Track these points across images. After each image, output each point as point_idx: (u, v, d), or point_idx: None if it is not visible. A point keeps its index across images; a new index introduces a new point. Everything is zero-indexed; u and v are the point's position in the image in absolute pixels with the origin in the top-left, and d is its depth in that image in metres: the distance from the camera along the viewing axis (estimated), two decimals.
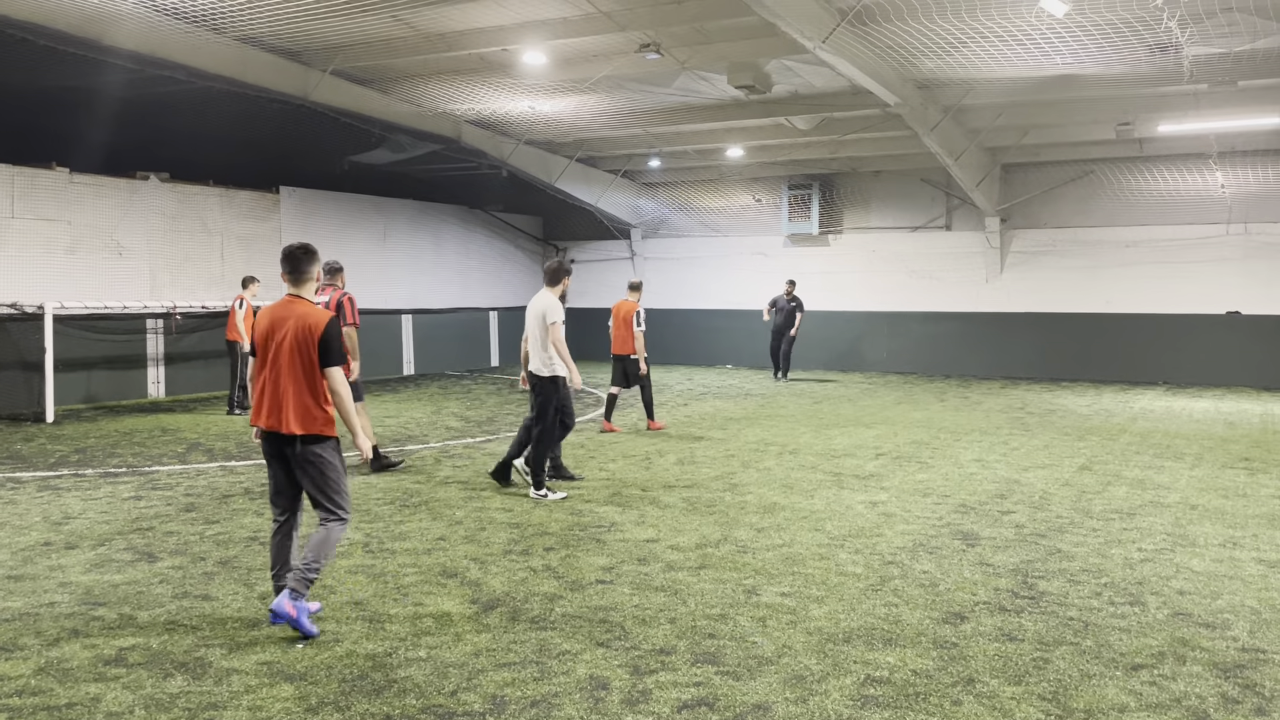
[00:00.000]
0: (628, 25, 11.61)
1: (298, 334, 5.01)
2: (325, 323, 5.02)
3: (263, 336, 5.11)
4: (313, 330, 5.01)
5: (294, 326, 5.02)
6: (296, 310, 5.09)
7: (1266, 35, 11.18)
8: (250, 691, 4.35)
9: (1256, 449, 10.97)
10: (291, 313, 5.08)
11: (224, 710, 4.16)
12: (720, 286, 22.60)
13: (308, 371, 5.02)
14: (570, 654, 4.79)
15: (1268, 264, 17.68)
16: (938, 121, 15.32)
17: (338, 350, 5.03)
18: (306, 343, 5.00)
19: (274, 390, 5.05)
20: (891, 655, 4.78)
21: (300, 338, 5.00)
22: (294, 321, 5.04)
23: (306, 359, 5.01)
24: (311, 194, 18.46)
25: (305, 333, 5.00)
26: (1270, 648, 4.88)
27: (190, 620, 5.28)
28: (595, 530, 7.26)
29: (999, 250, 19.61)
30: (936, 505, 8.07)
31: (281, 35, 12.52)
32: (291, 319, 5.05)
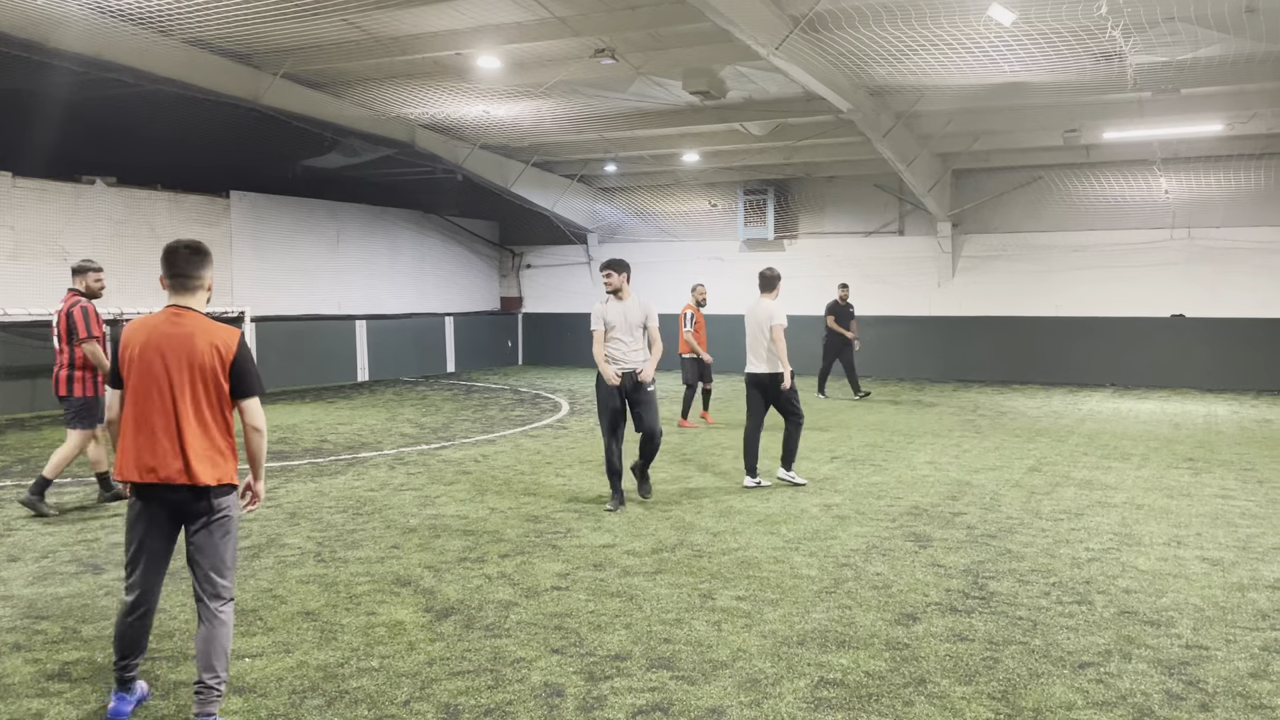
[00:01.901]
0: (582, 30, 11.62)
1: (197, 357, 3.99)
2: (236, 342, 4.06)
3: (135, 361, 4.01)
4: (221, 352, 4.02)
5: (190, 347, 3.99)
6: (188, 327, 4.04)
7: (1207, 44, 11.46)
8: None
9: (1200, 449, 11.22)
10: (181, 330, 4.02)
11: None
12: (677, 292, 22.61)
13: (213, 405, 4.03)
14: (525, 661, 4.77)
15: (1210, 268, 18.10)
16: (890, 128, 15.50)
17: (256, 375, 4.15)
18: (213, 368, 4.00)
19: (165, 429, 3.97)
20: (845, 657, 4.82)
21: (201, 362, 3.99)
22: (188, 341, 4.00)
23: (211, 389, 4.02)
24: (263, 198, 18.23)
25: (209, 355, 4.00)
26: (1213, 644, 4.99)
27: None
28: (551, 536, 7.24)
29: (951, 255, 19.88)
30: (890, 507, 8.15)
31: (231, 38, 12.36)
32: (184, 338, 4.00)
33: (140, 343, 4.04)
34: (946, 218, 19.48)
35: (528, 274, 24.70)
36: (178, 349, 4.00)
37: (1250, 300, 17.85)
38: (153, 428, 3.98)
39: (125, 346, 4.07)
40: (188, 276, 4.13)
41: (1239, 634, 5.13)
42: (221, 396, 4.06)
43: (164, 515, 4.04)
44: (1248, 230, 17.82)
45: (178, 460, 3.97)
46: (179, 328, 4.04)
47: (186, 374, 4.00)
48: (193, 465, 3.97)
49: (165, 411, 3.99)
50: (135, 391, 4.02)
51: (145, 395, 4.00)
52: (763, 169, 20.78)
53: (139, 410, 4.00)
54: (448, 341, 22.53)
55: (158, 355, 4.00)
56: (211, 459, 4.01)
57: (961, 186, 19.81)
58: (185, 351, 4.00)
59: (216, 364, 4.02)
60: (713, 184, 22.14)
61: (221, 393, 4.05)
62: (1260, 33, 10.96)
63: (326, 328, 19.37)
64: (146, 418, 3.99)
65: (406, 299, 21.66)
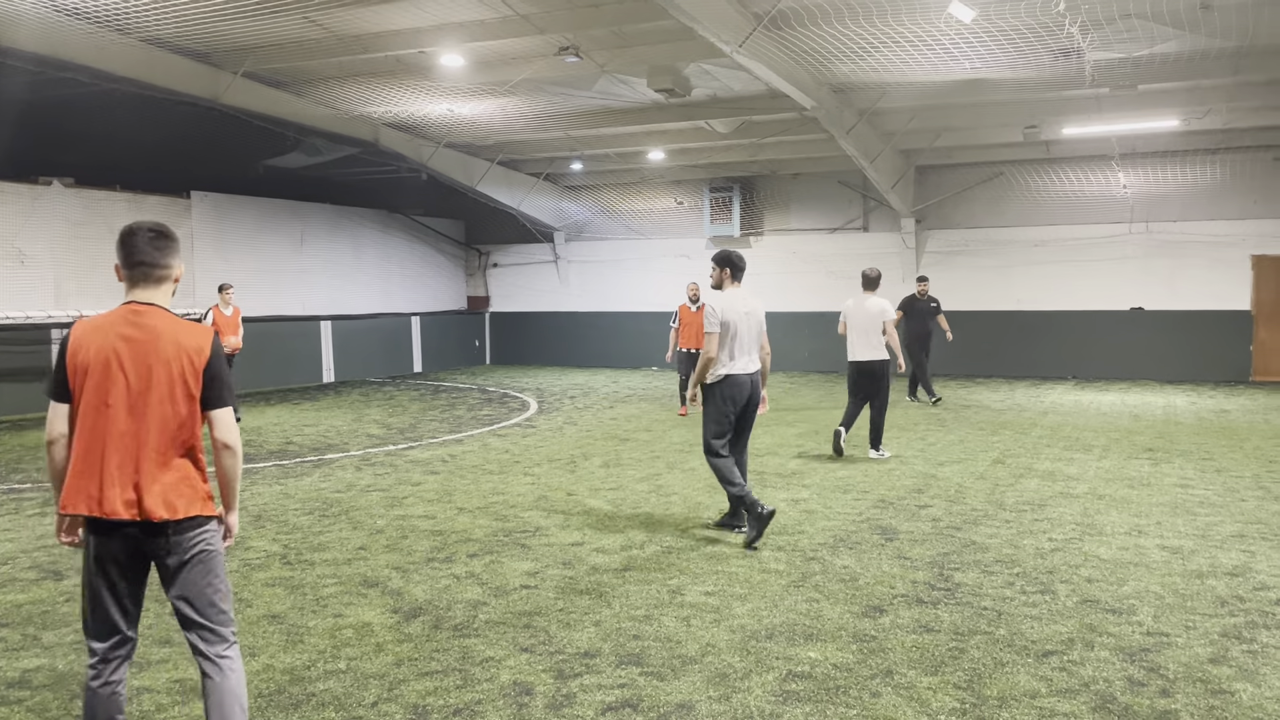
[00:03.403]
0: (546, 28, 11.59)
1: (164, 363, 3.33)
2: (210, 343, 3.42)
3: (90, 369, 3.31)
4: (192, 356, 3.36)
5: (156, 352, 3.33)
6: (153, 327, 3.36)
7: (1163, 41, 11.64)
8: (161, 711, 4.23)
9: (1160, 440, 11.40)
10: (145, 331, 3.34)
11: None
12: (644, 289, 22.68)
13: (181, 419, 3.35)
14: (494, 660, 4.76)
15: (1168, 262, 18.39)
16: (853, 125, 15.60)
17: (229, 383, 3.48)
18: (182, 375, 3.34)
19: (126, 452, 3.29)
20: (813, 650, 4.86)
21: (169, 369, 3.33)
22: (153, 344, 3.33)
23: (181, 401, 3.34)
24: (224, 198, 18.02)
25: (178, 360, 3.34)
26: (1173, 631, 5.08)
27: None
28: (520, 535, 7.23)
29: (914, 250, 20.04)
30: (856, 501, 8.21)
31: (190, 36, 12.21)
32: (148, 341, 3.33)
33: (95, 347, 3.32)
34: (910, 214, 19.65)
35: (494, 273, 24.61)
36: (141, 354, 3.32)
37: (1206, 293, 18.17)
38: (110, 450, 3.29)
39: (75, 352, 3.33)
40: (152, 266, 3.41)
41: (1198, 620, 5.22)
42: (193, 410, 3.39)
43: (122, 554, 3.34)
44: (1203, 224, 18.13)
45: (132, 491, 3.29)
46: (141, 329, 3.35)
47: (154, 385, 3.32)
48: (149, 496, 3.29)
49: (127, 431, 3.30)
50: (90, 406, 3.31)
51: (101, 411, 3.30)
52: (728, 166, 20.85)
53: (94, 429, 3.30)
54: (414, 341, 22.40)
55: (116, 362, 3.31)
56: (175, 488, 3.34)
57: (924, 183, 19.98)
58: (150, 357, 3.33)
59: (187, 370, 3.36)
60: (679, 181, 22.18)
61: (193, 405, 3.38)
62: (1215, 29, 11.15)
63: (291, 329, 19.19)
64: (103, 438, 3.30)
65: (372, 299, 21.50)
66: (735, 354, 6.94)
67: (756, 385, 7.05)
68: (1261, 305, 18.02)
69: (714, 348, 6.87)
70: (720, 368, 6.92)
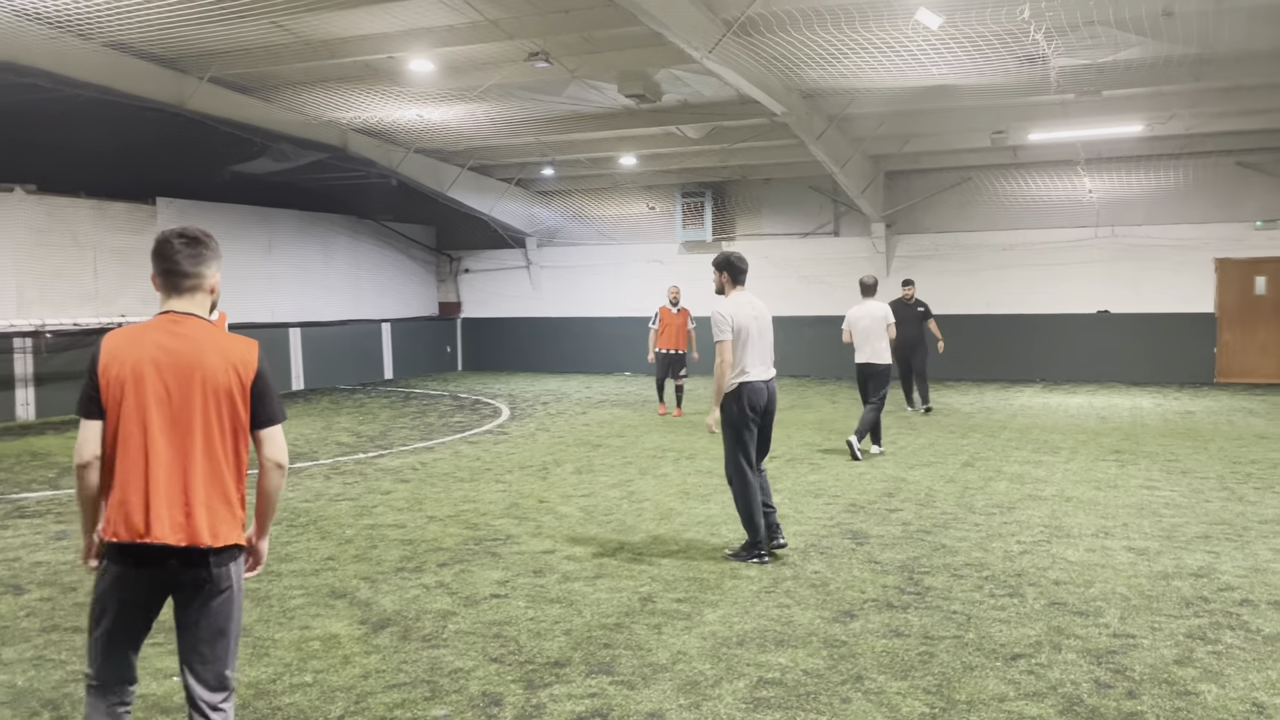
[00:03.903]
0: (516, 33, 11.56)
1: (209, 377, 3.12)
2: (256, 356, 3.23)
3: (127, 384, 3.08)
4: (239, 370, 3.16)
5: (200, 365, 3.12)
6: (194, 338, 3.15)
7: (1127, 47, 11.78)
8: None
9: (1126, 441, 11.52)
10: (185, 342, 3.13)
11: None
12: (617, 294, 22.67)
13: (226, 440, 3.15)
14: (463, 671, 4.72)
15: (1133, 265, 18.61)
16: (823, 130, 15.67)
17: (279, 397, 3.28)
18: (229, 391, 3.14)
19: (168, 474, 3.07)
20: (783, 656, 4.85)
21: (215, 383, 3.12)
22: (196, 357, 3.12)
23: (226, 419, 3.14)
24: (191, 205, 17.82)
25: (224, 374, 3.13)
26: (1139, 633, 5.12)
27: (59, 655, 5.02)
28: (490, 544, 7.19)
29: (885, 255, 20.16)
30: (827, 505, 8.23)
31: (154, 41, 12.06)
32: (189, 353, 3.12)
33: (130, 359, 3.08)
34: (880, 218, 19.77)
35: (466, 279, 24.51)
36: (183, 367, 3.10)
37: (1171, 296, 18.40)
38: (155, 470, 3.06)
39: (107, 365, 3.09)
40: (184, 275, 3.19)
41: (1164, 622, 5.27)
42: (238, 428, 3.16)
43: (148, 585, 3.10)
44: (1168, 228, 18.36)
45: (181, 513, 3.06)
46: (182, 340, 3.14)
47: (198, 400, 3.10)
48: (200, 521, 3.07)
49: (173, 448, 3.08)
50: (129, 422, 3.06)
51: (141, 429, 3.07)
52: (699, 171, 20.89)
53: (136, 447, 3.06)
54: (385, 348, 22.25)
55: (157, 376, 3.09)
56: (221, 513, 3.13)
57: (894, 188, 20.11)
58: (193, 370, 3.11)
59: (234, 385, 3.14)
60: (650, 186, 22.20)
61: (239, 423, 3.16)
62: (1177, 36, 11.30)
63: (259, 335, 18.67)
64: (146, 457, 3.06)
65: (342, 305, 21.34)
66: (750, 361, 6.58)
67: (774, 393, 6.68)
68: (1225, 308, 18.27)
69: (729, 354, 6.51)
70: (735, 376, 6.55)
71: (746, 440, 6.60)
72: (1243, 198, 17.95)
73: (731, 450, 6.64)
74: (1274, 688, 4.39)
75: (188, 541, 3.06)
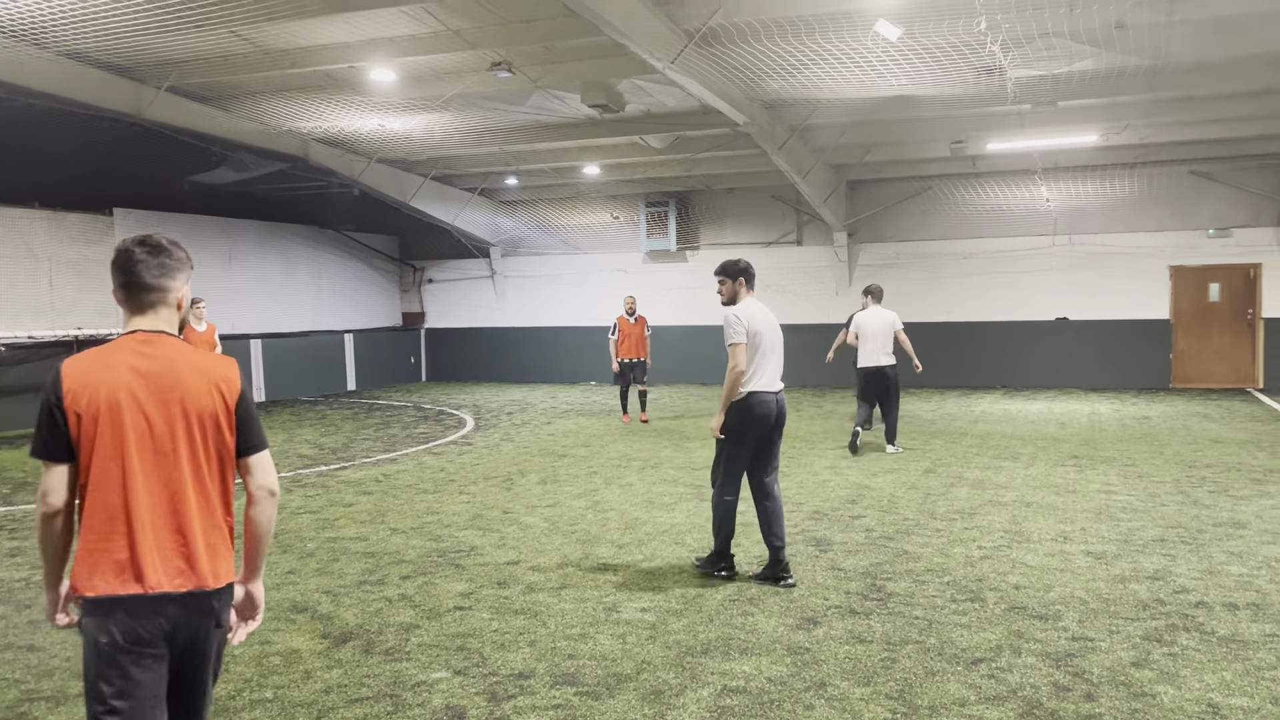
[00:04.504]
0: (478, 43, 11.54)
1: (192, 400, 2.81)
2: (237, 374, 2.94)
3: (95, 415, 2.73)
4: (223, 391, 2.86)
5: (179, 387, 2.81)
6: (169, 358, 2.83)
7: (1081, 59, 11.98)
8: None
9: (1085, 447, 11.68)
10: (161, 364, 2.81)
11: None
12: (582, 303, 22.66)
13: (214, 469, 2.86)
14: (426, 684, 4.69)
15: (1090, 273, 18.91)
16: (785, 140, 15.78)
17: (258, 422, 2.98)
18: (214, 414, 2.84)
19: (155, 512, 2.75)
20: (747, 664, 4.87)
21: (199, 407, 2.82)
22: (174, 378, 2.81)
23: (212, 446, 2.85)
24: (149, 215, 17.58)
25: (207, 396, 2.84)
26: (1097, 635, 5.19)
27: (14, 674, 4.93)
28: (454, 555, 7.14)
29: (847, 264, 20.33)
30: (792, 513, 8.27)
31: (111, 50, 11.90)
32: (166, 374, 2.80)
33: (104, 387, 2.74)
34: (842, 227, 19.93)
35: (430, 289, 24.39)
36: (162, 391, 2.78)
37: (1127, 302, 18.71)
38: (140, 509, 2.72)
39: (74, 395, 2.72)
40: (147, 289, 2.87)
41: (1121, 624, 5.35)
42: (224, 454, 2.87)
43: (162, 638, 2.72)
44: (1123, 236, 18.68)
45: (178, 556, 2.74)
46: (156, 361, 2.80)
47: (181, 427, 2.79)
48: (201, 562, 2.76)
49: (160, 483, 2.76)
50: (105, 459, 2.72)
51: (120, 466, 2.72)
52: (663, 181, 20.95)
53: (114, 487, 2.72)
54: (348, 359, 22.07)
55: (134, 404, 2.75)
56: (220, 549, 2.83)
57: (855, 197, 20.30)
58: (173, 394, 2.79)
59: (219, 408, 2.84)
60: (614, 196, 22.23)
61: (225, 449, 2.87)
62: (1130, 48, 11.51)
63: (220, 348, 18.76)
64: (128, 496, 2.72)
65: (303, 316, 21.14)
66: (763, 370, 6.28)
67: (784, 407, 6.37)
68: (1180, 314, 18.61)
69: (742, 360, 6.14)
70: (744, 384, 6.21)
71: (739, 454, 6.25)
72: (1196, 206, 18.32)
73: (724, 458, 6.31)
74: (1228, 688, 4.47)
75: (192, 586, 2.73)
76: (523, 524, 8.11)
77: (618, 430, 14.15)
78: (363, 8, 10.18)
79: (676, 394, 19.47)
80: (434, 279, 24.27)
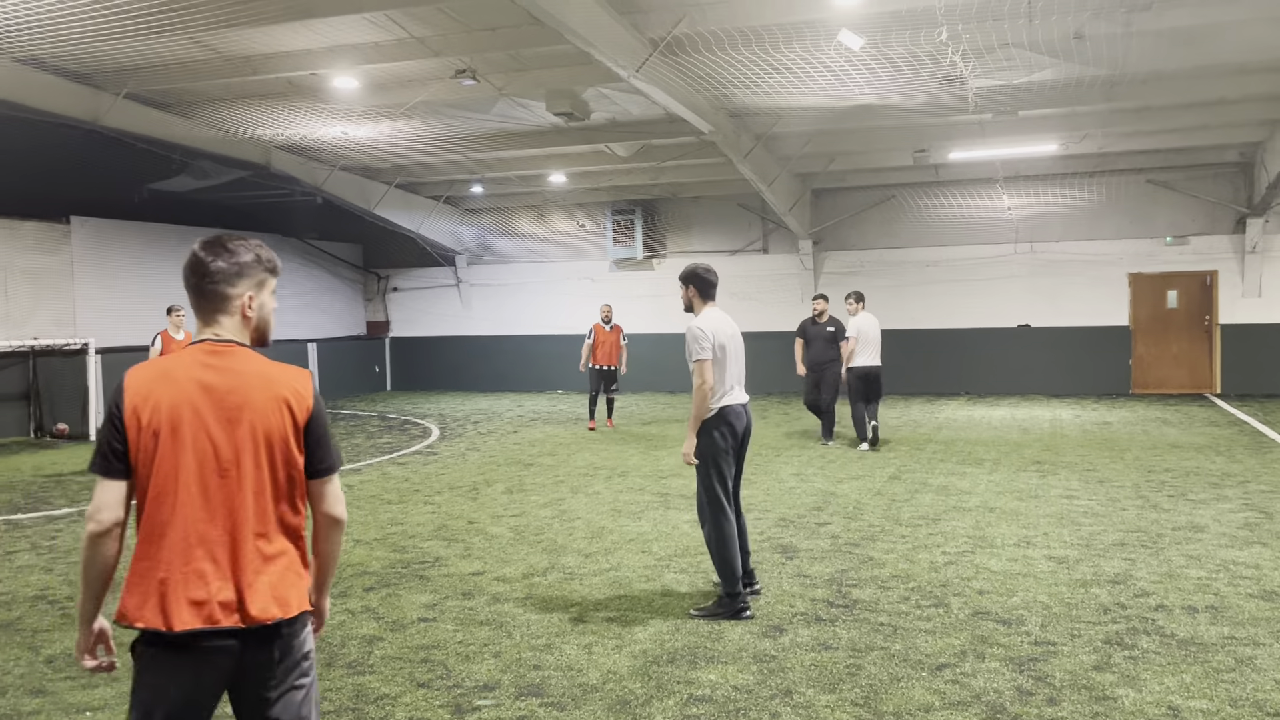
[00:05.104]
0: (442, 51, 11.49)
1: (261, 418, 2.57)
2: (310, 388, 2.69)
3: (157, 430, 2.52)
4: (293, 407, 2.61)
5: (249, 404, 2.57)
6: (240, 372, 2.60)
7: (1041, 69, 12.15)
8: None
9: (1047, 452, 11.81)
10: (231, 377, 2.58)
11: None
12: (548, 312, 22.61)
13: (282, 494, 2.60)
14: (389, 698, 4.63)
15: (1051, 280, 19.16)
16: (750, 149, 15.86)
17: (331, 441, 2.71)
18: (283, 433, 2.59)
19: (208, 540, 2.51)
20: (713, 673, 4.86)
21: (268, 425, 2.58)
22: (243, 394, 2.57)
23: (281, 467, 2.60)
24: (107, 223, 17.35)
25: (278, 414, 2.59)
26: (1059, 640, 5.23)
27: None
28: (419, 567, 7.08)
29: (812, 272, 20.45)
30: (758, 520, 8.28)
31: (68, 57, 11.72)
32: (236, 389, 2.57)
33: (166, 401, 2.52)
34: (807, 235, 20.06)
35: (394, 297, 24.23)
36: (230, 409, 2.55)
37: (1087, 310, 18.98)
38: (193, 536, 2.49)
39: (137, 408, 2.52)
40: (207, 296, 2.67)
41: (1083, 628, 5.40)
42: (294, 477, 2.62)
43: (212, 679, 2.49)
44: (1083, 244, 18.95)
45: (235, 586, 2.50)
46: (225, 374, 2.57)
47: (248, 448, 2.55)
48: (262, 592, 2.51)
49: (217, 508, 2.52)
50: (164, 479, 2.50)
51: (180, 487, 2.50)
52: (630, 189, 20.98)
53: (170, 509, 2.50)
54: (311, 368, 21.84)
55: (196, 419, 2.52)
56: (289, 578, 2.57)
57: (820, 205, 20.44)
58: (241, 412, 2.55)
59: (288, 426, 2.59)
60: (581, 204, 22.22)
61: (294, 471, 2.61)
62: (1088, 59, 11.69)
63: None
64: (184, 521, 2.49)
65: None
66: (731, 382, 5.98)
67: (751, 418, 6.09)
68: (1139, 321, 18.89)
69: (709, 374, 5.81)
70: (715, 399, 5.90)
71: (725, 472, 5.91)
72: (1153, 214, 18.63)
73: (708, 484, 5.86)
74: (1188, 690, 4.52)
75: (245, 622, 2.48)
76: (488, 534, 8.06)
77: (585, 438, 14.12)
78: (325, 14, 10.11)
79: (644, 402, 19.47)
80: (399, 287, 24.12)
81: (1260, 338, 18.08)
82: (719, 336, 5.94)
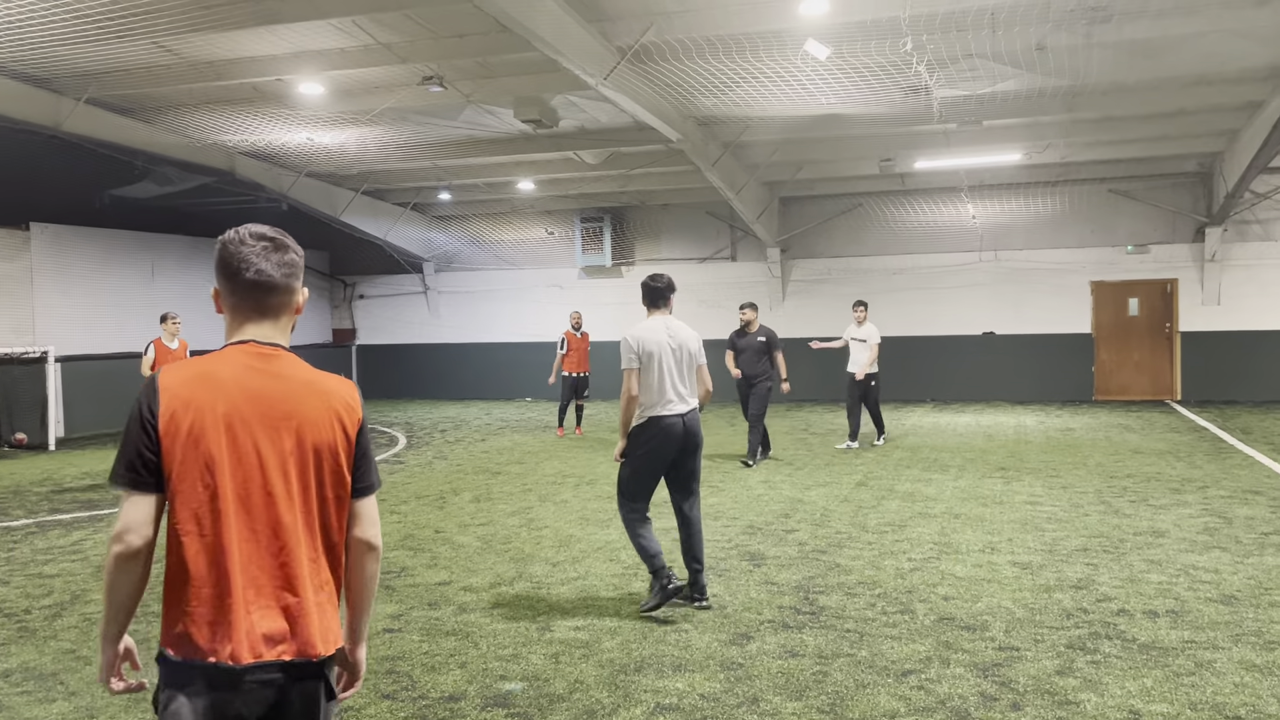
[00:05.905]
0: (409, 57, 11.44)
1: (311, 431, 2.33)
2: (359, 400, 2.46)
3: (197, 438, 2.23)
4: (343, 416, 2.38)
5: (299, 415, 2.32)
6: (289, 378, 2.35)
7: (1004, 80, 12.30)
8: None
9: (1011, 459, 11.93)
10: (279, 383, 2.33)
11: None
12: (517, 319, 22.55)
13: (330, 514, 2.36)
14: (353, 710, 4.58)
15: (1015, 288, 19.39)
16: (718, 157, 15.92)
17: (373, 459, 2.49)
18: (334, 449, 2.35)
19: (254, 565, 2.25)
20: (681, 681, 4.85)
21: (317, 440, 2.33)
22: (293, 402, 2.32)
23: (330, 486, 2.35)
24: (67, 230, 17.10)
25: (330, 427, 2.36)
26: (1023, 645, 5.28)
27: None
28: (384, 577, 7.01)
29: (780, 279, 20.55)
30: (726, 528, 8.29)
31: (27, 61, 11.55)
32: (287, 398, 2.32)
33: (207, 407, 2.24)
34: (775, 243, 20.16)
35: (361, 304, 24.06)
36: (278, 419, 2.29)
37: (1050, 317, 19.22)
38: (237, 560, 2.23)
39: (176, 415, 2.23)
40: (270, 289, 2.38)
41: (1046, 634, 5.45)
42: (342, 497, 2.37)
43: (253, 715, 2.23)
44: (1046, 252, 19.20)
45: (283, 618, 2.25)
46: (273, 380, 2.32)
47: (295, 462, 2.30)
48: (312, 624, 2.28)
49: (265, 529, 2.26)
50: (203, 496, 2.24)
51: (221, 504, 2.23)
52: (598, 197, 20.99)
53: (210, 529, 2.23)
54: None
55: (243, 429, 2.26)
56: (329, 610, 2.33)
57: (788, 213, 20.55)
58: (289, 423, 2.30)
59: (339, 441, 2.35)
60: (549, 212, 22.20)
61: (343, 491, 2.37)
62: (1050, 70, 11.85)
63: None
64: (226, 543, 2.23)
65: None
66: (661, 392, 5.94)
67: (693, 429, 6.02)
68: (1101, 328, 19.15)
69: (633, 384, 5.90)
70: (643, 409, 5.96)
71: (638, 481, 6.04)
72: (1115, 223, 18.91)
73: (622, 484, 6.11)
74: (1149, 695, 4.57)
75: (294, 654, 2.24)
76: (455, 543, 8.01)
77: (553, 446, 14.08)
78: (291, 20, 10.03)
79: (612, 409, 19.45)
80: (365, 295, 23.96)
81: (1219, 345, 18.39)
82: (646, 345, 6.00)
